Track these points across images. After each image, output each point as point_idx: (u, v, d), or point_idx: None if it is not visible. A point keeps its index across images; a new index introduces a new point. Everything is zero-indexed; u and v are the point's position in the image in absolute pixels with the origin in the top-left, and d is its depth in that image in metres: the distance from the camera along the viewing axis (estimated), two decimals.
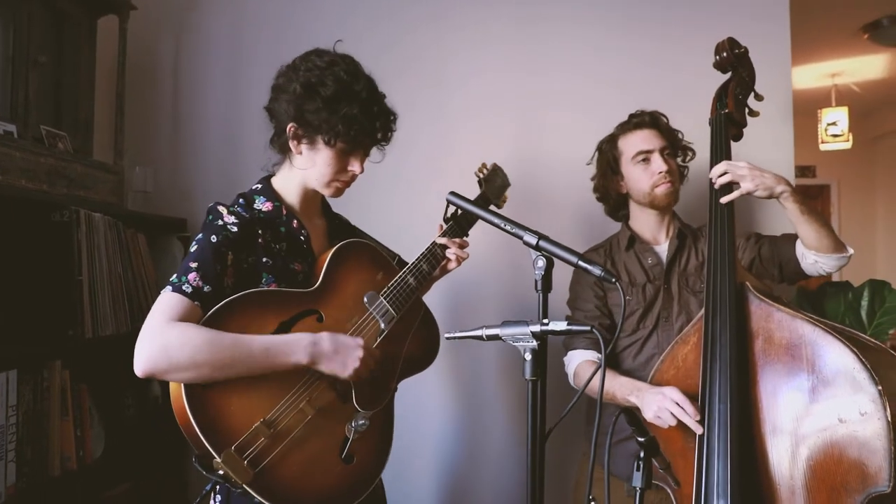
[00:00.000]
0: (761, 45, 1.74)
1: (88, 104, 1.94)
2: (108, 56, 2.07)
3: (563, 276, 1.92)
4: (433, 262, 1.44)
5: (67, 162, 1.70)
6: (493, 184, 1.63)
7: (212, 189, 2.19)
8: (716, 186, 1.50)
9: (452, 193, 1.10)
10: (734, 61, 1.65)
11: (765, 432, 1.31)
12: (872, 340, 1.35)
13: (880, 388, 1.19)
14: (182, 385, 1.10)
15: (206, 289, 1.15)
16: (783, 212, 1.53)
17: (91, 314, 1.59)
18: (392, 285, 1.37)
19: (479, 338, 0.94)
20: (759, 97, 1.67)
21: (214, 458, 1.08)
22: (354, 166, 1.32)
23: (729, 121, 1.58)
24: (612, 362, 1.69)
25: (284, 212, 1.32)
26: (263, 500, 1.11)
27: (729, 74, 1.67)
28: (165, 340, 1.09)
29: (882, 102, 5.59)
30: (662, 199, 1.68)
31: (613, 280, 0.88)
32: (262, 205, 1.31)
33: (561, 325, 0.85)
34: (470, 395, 2.14)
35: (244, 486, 1.09)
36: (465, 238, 1.50)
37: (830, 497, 1.22)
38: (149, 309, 1.81)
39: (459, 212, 1.51)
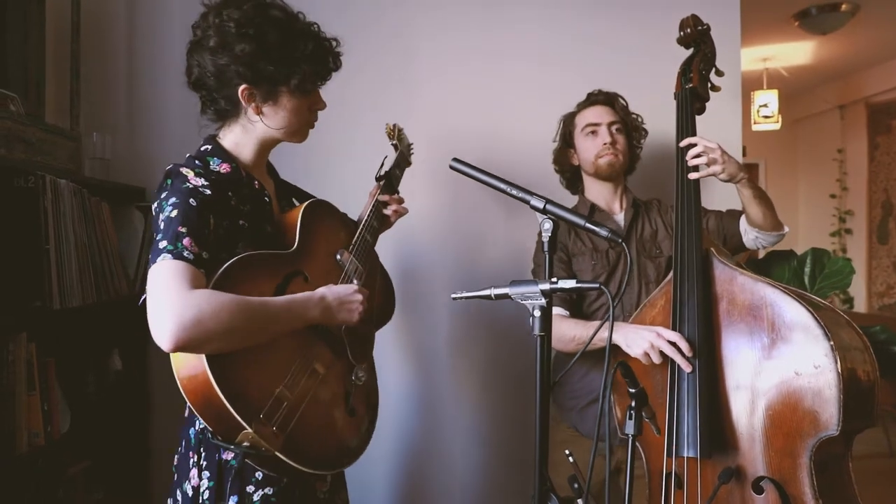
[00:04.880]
0: (712, 27, 1.81)
1: (39, 65, 1.83)
2: (54, 14, 1.95)
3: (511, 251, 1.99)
4: (381, 219, 1.50)
5: (25, 126, 1.61)
6: (404, 143, 1.71)
7: (173, 157, 2.08)
8: (689, 164, 1.58)
9: (455, 160, 1.13)
10: (697, 37, 1.73)
11: (729, 385, 1.42)
12: (822, 301, 1.47)
13: (832, 343, 1.31)
14: (204, 358, 1.05)
15: (204, 254, 1.11)
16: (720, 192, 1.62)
17: (58, 285, 1.53)
18: (356, 242, 1.40)
19: (488, 297, 0.97)
20: (719, 73, 1.76)
21: (244, 429, 1.05)
22: (320, 103, 1.31)
23: (694, 95, 1.67)
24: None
25: (243, 173, 1.26)
26: (294, 464, 1.10)
27: (692, 50, 1.75)
28: (198, 310, 1.02)
29: (806, 87, 5.95)
30: (604, 168, 1.78)
31: (620, 240, 0.93)
32: (219, 166, 1.24)
33: (570, 283, 0.90)
34: (423, 362, 2.19)
35: (276, 452, 1.08)
36: (400, 195, 1.57)
37: (786, 442, 1.34)
38: (114, 279, 1.81)
39: (390, 169, 1.58)
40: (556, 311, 1.67)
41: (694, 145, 1.56)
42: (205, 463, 1.19)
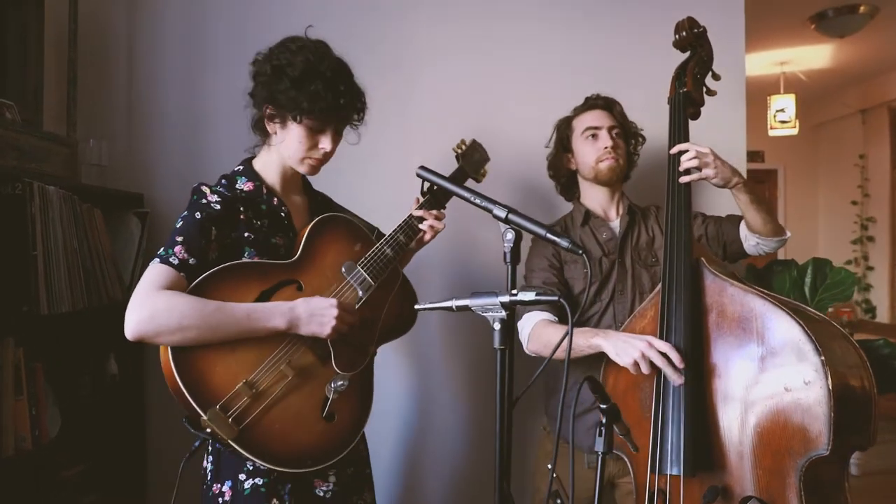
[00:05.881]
0: (716, 31, 1.77)
1: (38, 72, 1.85)
2: (54, 21, 1.98)
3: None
4: (410, 234, 1.50)
5: (18, 133, 1.63)
6: (471, 158, 1.68)
7: (171, 163, 2.13)
8: (681, 168, 1.55)
9: (422, 168, 1.12)
10: (693, 40, 1.70)
11: (716, 401, 1.38)
12: (817, 313, 1.43)
13: (823, 358, 1.26)
14: (169, 349, 1.18)
15: (191, 261, 1.24)
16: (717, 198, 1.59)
17: (46, 290, 1.54)
18: (369, 255, 1.43)
19: (450, 308, 0.96)
20: (716, 77, 1.72)
21: (201, 416, 1.15)
22: (325, 144, 1.39)
23: (687, 100, 1.63)
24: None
25: (265, 191, 1.40)
26: (249, 456, 1.18)
27: (688, 54, 1.72)
28: (153, 307, 1.17)
29: (825, 91, 5.82)
30: (605, 173, 1.75)
31: (581, 252, 0.91)
32: (244, 185, 1.39)
33: (529, 296, 0.88)
34: (421, 368, 2.17)
35: (230, 441, 1.16)
36: (441, 210, 1.56)
37: (775, 461, 1.30)
38: (106, 286, 1.83)
39: (436, 186, 1.55)
40: (543, 315, 1.65)
41: (685, 151, 1.53)
42: (210, 448, 1.35)
